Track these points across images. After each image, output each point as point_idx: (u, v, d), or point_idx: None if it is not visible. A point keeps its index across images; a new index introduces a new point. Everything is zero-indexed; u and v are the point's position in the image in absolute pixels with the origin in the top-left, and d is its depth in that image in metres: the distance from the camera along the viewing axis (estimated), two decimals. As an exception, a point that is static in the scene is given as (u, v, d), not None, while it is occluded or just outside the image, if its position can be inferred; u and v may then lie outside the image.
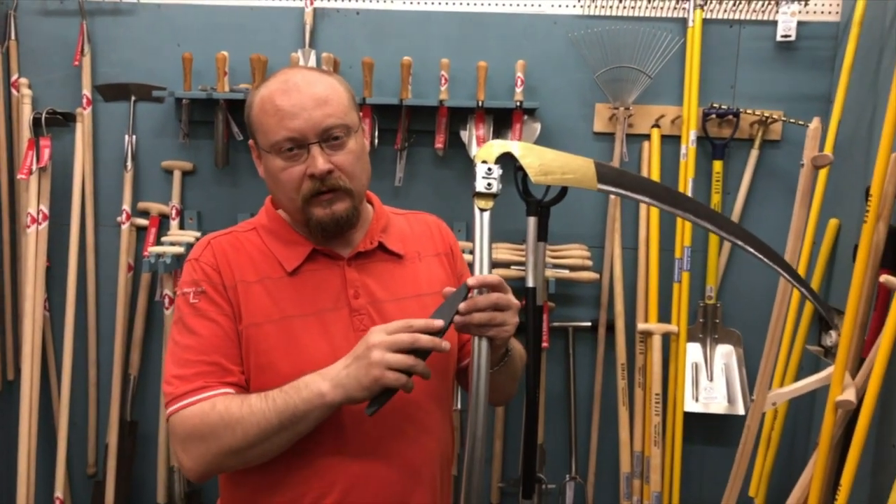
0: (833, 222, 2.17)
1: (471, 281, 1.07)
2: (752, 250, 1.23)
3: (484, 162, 1.12)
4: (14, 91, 2.50)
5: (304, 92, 1.12)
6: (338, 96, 1.15)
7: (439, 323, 1.04)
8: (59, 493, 2.50)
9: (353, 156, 1.16)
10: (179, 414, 1.10)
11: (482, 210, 1.11)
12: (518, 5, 2.40)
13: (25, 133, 2.42)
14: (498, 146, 1.13)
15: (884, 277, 1.71)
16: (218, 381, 1.12)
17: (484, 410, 1.08)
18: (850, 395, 1.75)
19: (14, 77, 2.49)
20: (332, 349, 1.14)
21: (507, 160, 1.15)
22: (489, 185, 1.11)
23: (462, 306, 1.06)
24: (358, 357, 1.05)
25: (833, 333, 2.17)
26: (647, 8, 2.36)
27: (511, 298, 1.11)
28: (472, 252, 1.12)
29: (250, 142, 1.21)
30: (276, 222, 1.24)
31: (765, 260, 1.23)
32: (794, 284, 1.27)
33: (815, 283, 2.17)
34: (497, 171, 1.11)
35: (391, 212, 1.33)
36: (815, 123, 1.73)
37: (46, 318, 2.56)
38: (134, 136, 2.51)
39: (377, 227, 1.26)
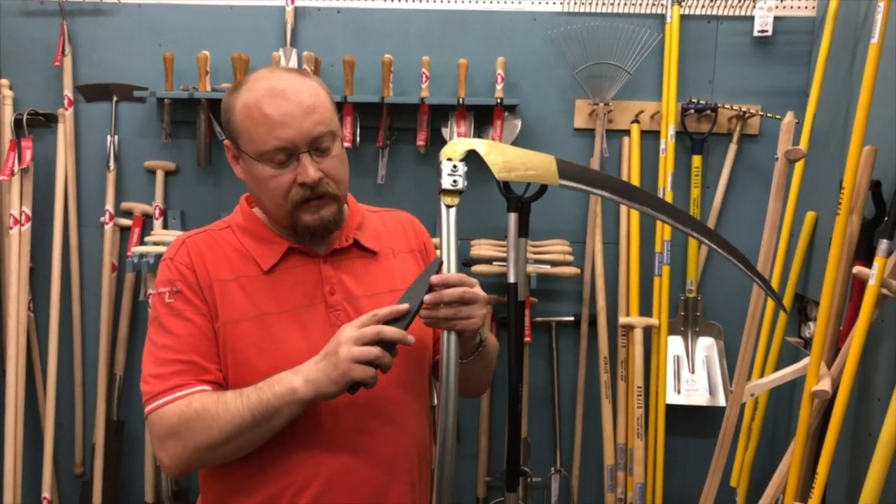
0: (810, 215, 2.19)
1: (434, 279, 1.10)
2: (708, 242, 1.27)
3: (449, 159, 1.14)
4: (-5, 92, 2.50)
5: (292, 100, 1.12)
6: (322, 102, 1.15)
7: (404, 307, 1.07)
8: (46, 493, 2.50)
9: (339, 161, 1.18)
10: (157, 412, 1.12)
11: (448, 206, 1.14)
12: (498, 3, 2.42)
13: (7, 134, 2.42)
14: (462, 144, 1.16)
15: (857, 269, 1.73)
16: (195, 378, 1.14)
17: (454, 401, 1.11)
18: (825, 385, 1.78)
19: (-5, 78, 2.49)
20: (308, 345, 1.15)
21: (482, 159, 1.17)
22: (455, 181, 1.14)
23: (428, 298, 1.09)
24: (328, 354, 1.07)
25: (812, 325, 2.20)
26: (625, 4, 2.38)
27: (477, 291, 1.13)
28: (438, 248, 1.14)
29: (226, 142, 1.21)
30: (252, 221, 1.25)
31: (721, 252, 1.26)
32: (749, 275, 1.29)
33: (792, 276, 2.20)
34: (462, 168, 1.14)
35: (365, 209, 1.35)
36: (788, 118, 1.76)
37: (31, 319, 2.56)
38: (116, 137, 2.51)
39: (352, 224, 1.27)
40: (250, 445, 1.12)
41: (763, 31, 2.33)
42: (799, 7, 2.34)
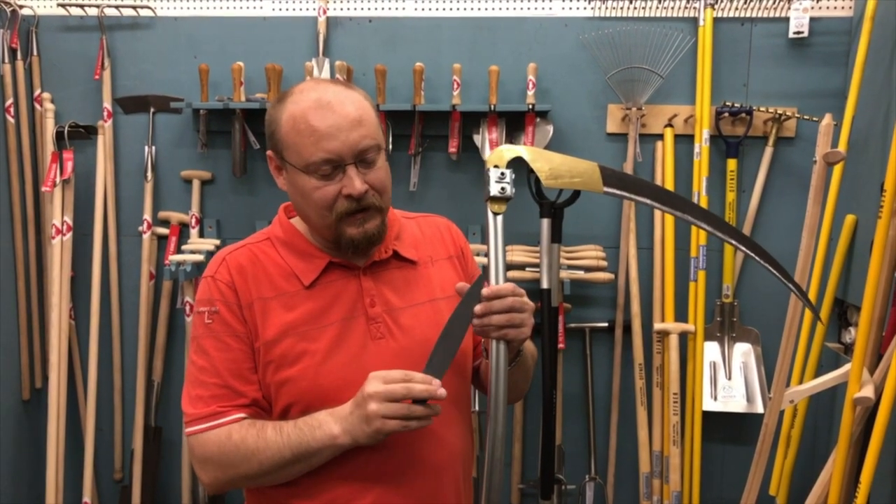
0: (850, 218, 2.15)
1: (485, 291, 1.09)
2: (744, 249, 1.25)
3: (496, 167, 1.13)
4: (37, 105, 2.56)
5: (339, 112, 1.12)
6: (368, 115, 1.16)
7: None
8: (87, 497, 2.55)
9: (384, 172, 1.18)
10: (197, 437, 1.16)
11: (496, 214, 1.12)
12: (529, 9, 2.42)
13: (49, 146, 2.48)
14: (508, 151, 1.15)
15: (900, 273, 1.70)
16: (231, 404, 1.16)
17: (503, 411, 1.10)
18: (868, 391, 1.74)
19: (37, 92, 2.55)
20: (349, 358, 1.16)
21: (517, 164, 1.16)
22: (503, 189, 1.12)
23: (478, 309, 1.09)
24: (358, 405, 1.09)
25: (853, 330, 2.15)
26: (657, 8, 2.36)
27: (526, 301, 1.13)
28: (486, 255, 1.13)
29: (269, 153, 1.21)
30: (292, 234, 1.25)
31: (757, 259, 1.24)
32: (785, 284, 1.27)
33: (832, 280, 2.16)
34: (510, 175, 1.13)
35: (402, 216, 1.35)
36: (826, 120, 1.73)
37: (72, 327, 2.61)
38: (153, 147, 2.56)
39: (391, 234, 1.27)
40: (289, 478, 1.15)
41: (799, 33, 2.30)
42: (835, 8, 2.30)
